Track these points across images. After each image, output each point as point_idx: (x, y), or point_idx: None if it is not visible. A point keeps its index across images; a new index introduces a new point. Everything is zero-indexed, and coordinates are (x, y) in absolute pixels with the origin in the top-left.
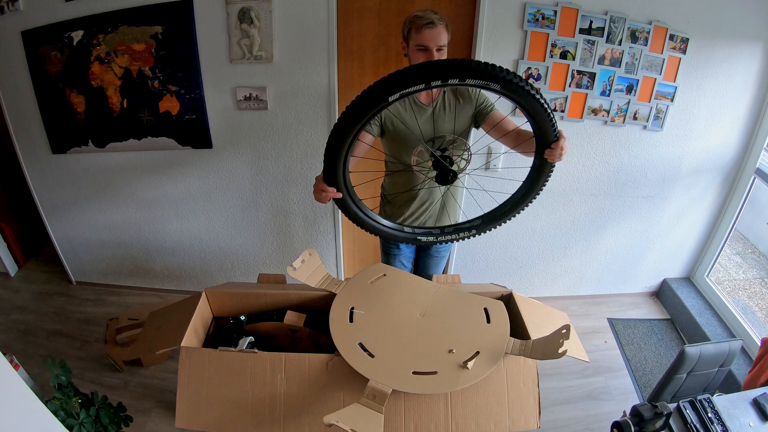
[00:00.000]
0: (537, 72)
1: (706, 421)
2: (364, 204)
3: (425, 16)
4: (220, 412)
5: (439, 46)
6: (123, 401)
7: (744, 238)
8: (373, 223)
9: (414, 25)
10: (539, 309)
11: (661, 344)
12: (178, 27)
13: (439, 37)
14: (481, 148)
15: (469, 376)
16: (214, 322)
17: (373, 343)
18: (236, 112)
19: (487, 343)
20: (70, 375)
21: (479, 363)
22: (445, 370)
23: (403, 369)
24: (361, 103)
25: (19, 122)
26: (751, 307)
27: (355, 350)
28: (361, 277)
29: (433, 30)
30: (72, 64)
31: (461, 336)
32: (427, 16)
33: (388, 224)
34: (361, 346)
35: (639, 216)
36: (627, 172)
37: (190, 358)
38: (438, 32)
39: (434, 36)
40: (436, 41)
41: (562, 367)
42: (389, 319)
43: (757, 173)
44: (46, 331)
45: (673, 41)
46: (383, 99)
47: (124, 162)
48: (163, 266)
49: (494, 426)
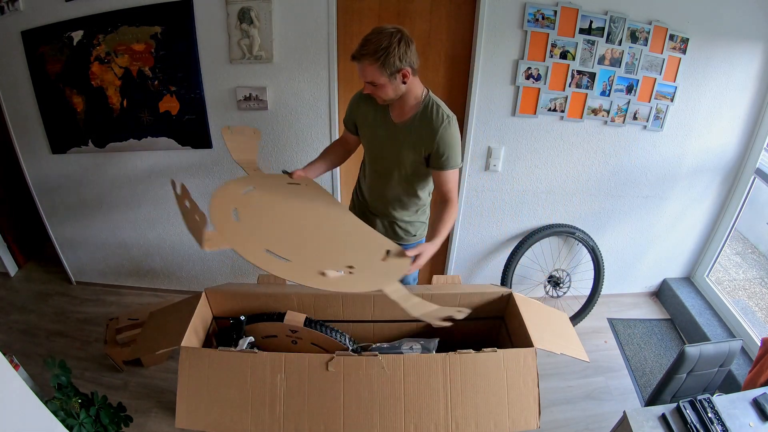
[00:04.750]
0: (537, 72)
1: (706, 421)
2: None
3: (359, 45)
4: (220, 412)
5: (367, 81)
6: (123, 401)
7: (744, 238)
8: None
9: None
10: (539, 309)
11: (661, 344)
12: (178, 27)
13: (364, 72)
14: (481, 148)
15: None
16: (214, 322)
17: (280, 248)
18: (236, 112)
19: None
20: (70, 375)
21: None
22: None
23: (316, 268)
24: None
25: (19, 122)
26: (751, 307)
27: (267, 257)
28: (233, 186)
29: (357, 63)
30: (72, 64)
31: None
32: (359, 46)
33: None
34: (270, 253)
35: (639, 216)
36: (627, 172)
37: (190, 358)
38: (361, 67)
39: (360, 69)
40: (363, 75)
41: (562, 367)
42: (283, 224)
43: (757, 173)
44: (46, 331)
45: (673, 41)
46: None
47: (124, 162)
48: (163, 266)
49: (494, 426)
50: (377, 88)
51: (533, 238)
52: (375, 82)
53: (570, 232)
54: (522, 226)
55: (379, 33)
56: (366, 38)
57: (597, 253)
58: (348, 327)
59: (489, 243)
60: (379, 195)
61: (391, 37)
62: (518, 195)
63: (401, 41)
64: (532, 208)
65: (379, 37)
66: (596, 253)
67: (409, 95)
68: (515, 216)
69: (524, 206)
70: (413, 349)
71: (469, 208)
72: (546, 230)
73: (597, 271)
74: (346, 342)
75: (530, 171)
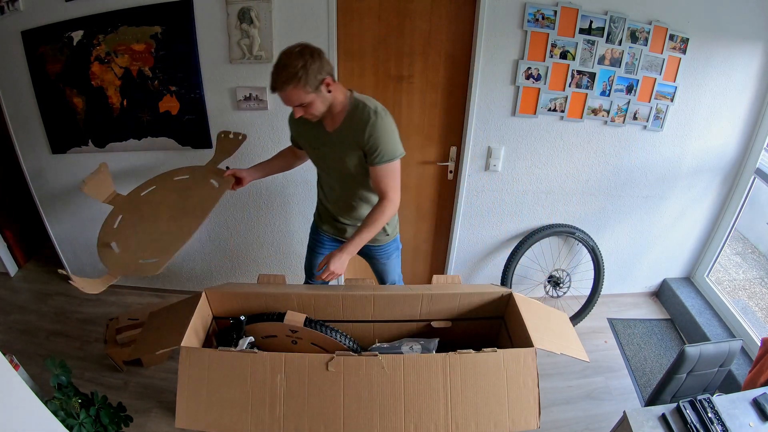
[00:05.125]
0: (537, 72)
1: (706, 421)
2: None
3: (274, 75)
4: (220, 412)
5: (295, 105)
6: (123, 401)
7: (744, 238)
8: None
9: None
10: (539, 309)
11: (661, 344)
12: (178, 27)
13: (289, 98)
14: (481, 148)
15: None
16: (214, 322)
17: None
18: (236, 112)
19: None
20: (70, 375)
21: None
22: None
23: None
24: None
25: (19, 122)
26: (751, 307)
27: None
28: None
29: (279, 93)
30: (72, 64)
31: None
32: (275, 77)
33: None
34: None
35: (639, 216)
36: (627, 172)
37: (190, 358)
38: (285, 95)
39: (285, 98)
40: (289, 101)
41: (562, 367)
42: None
43: (757, 173)
44: (46, 331)
45: (673, 41)
46: None
47: (124, 162)
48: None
49: (494, 426)
50: (307, 108)
51: (533, 238)
52: (303, 102)
53: (570, 232)
54: (522, 226)
55: (288, 56)
56: (278, 66)
57: (597, 253)
58: (348, 327)
59: (489, 243)
60: (342, 204)
61: (301, 56)
62: (518, 195)
63: (312, 55)
64: (532, 208)
65: (291, 61)
66: (596, 253)
67: (335, 102)
68: (515, 216)
69: (524, 206)
70: (413, 349)
71: (469, 208)
72: (546, 230)
73: (597, 271)
74: (346, 342)
75: (530, 171)
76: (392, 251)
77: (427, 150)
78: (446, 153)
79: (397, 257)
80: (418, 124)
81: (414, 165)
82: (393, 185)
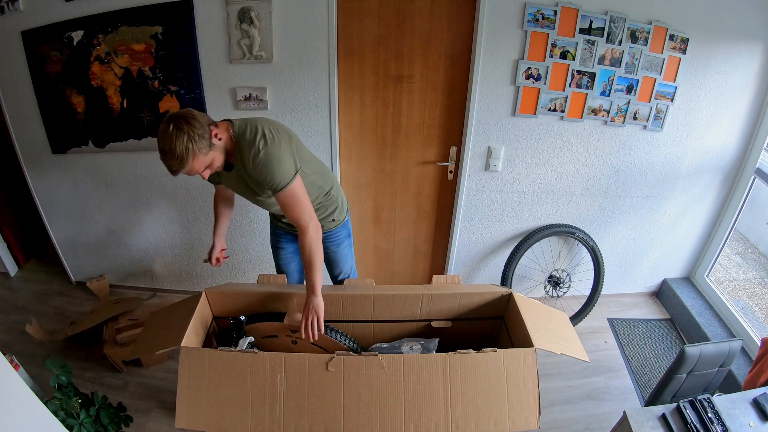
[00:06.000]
0: (537, 72)
1: (706, 421)
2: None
3: (167, 161)
4: (220, 412)
5: (201, 172)
6: (123, 401)
7: (744, 238)
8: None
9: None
10: (539, 309)
11: (661, 344)
12: (178, 27)
13: (192, 171)
14: (481, 148)
15: None
16: (214, 322)
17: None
18: (236, 112)
19: None
20: (70, 375)
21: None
22: None
23: None
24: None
25: (19, 122)
26: (751, 307)
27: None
28: None
29: (181, 173)
30: (72, 64)
31: None
32: (168, 162)
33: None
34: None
35: (639, 216)
36: (627, 172)
37: (190, 358)
38: (188, 171)
39: (188, 173)
40: (193, 172)
41: (562, 367)
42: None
43: (757, 173)
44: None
45: (673, 41)
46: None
47: (125, 162)
48: (163, 266)
49: (494, 426)
50: (212, 165)
51: (533, 238)
52: (206, 165)
53: (570, 232)
54: (522, 226)
55: (168, 139)
56: (165, 153)
57: (597, 253)
58: (348, 327)
59: (489, 243)
60: (280, 214)
61: (179, 130)
62: (518, 195)
63: (187, 122)
64: (532, 208)
65: (172, 141)
66: (596, 253)
67: (227, 144)
68: (515, 216)
69: (524, 206)
70: (413, 349)
71: (469, 208)
72: (546, 230)
73: (597, 271)
74: (346, 342)
75: (530, 171)
76: (342, 238)
77: (427, 150)
78: (446, 153)
79: (349, 246)
80: (418, 124)
81: (414, 165)
82: (299, 210)
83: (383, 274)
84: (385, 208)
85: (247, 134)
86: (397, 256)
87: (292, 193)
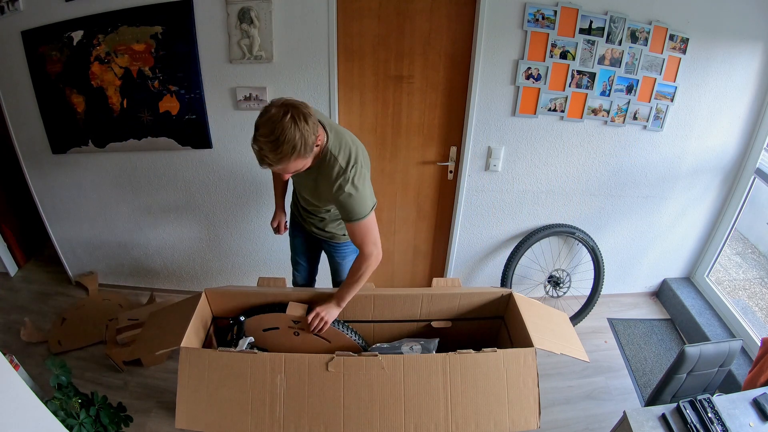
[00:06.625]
0: (537, 72)
1: (706, 421)
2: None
3: (267, 151)
4: (220, 412)
5: (292, 173)
6: (123, 401)
7: (744, 238)
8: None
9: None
10: (539, 309)
11: (661, 344)
12: (178, 27)
13: (287, 170)
14: (481, 148)
15: None
16: (214, 323)
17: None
18: (236, 112)
19: None
20: (70, 375)
21: None
22: None
23: None
24: None
25: (19, 122)
26: (751, 307)
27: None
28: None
29: (276, 166)
30: (72, 64)
31: None
32: (269, 152)
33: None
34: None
35: (639, 216)
36: (627, 172)
37: (190, 358)
38: (283, 168)
39: (282, 170)
40: (287, 171)
41: (562, 367)
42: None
43: (757, 173)
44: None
45: (673, 41)
46: None
47: (124, 162)
48: (163, 266)
49: (494, 426)
50: (300, 168)
51: (533, 238)
52: (300, 168)
53: (570, 232)
54: (522, 226)
55: (280, 127)
56: (271, 140)
57: (597, 253)
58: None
59: (489, 243)
60: (313, 216)
61: (294, 123)
62: (518, 195)
63: (303, 119)
64: (532, 208)
65: (286, 133)
66: (596, 253)
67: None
68: (515, 216)
69: (524, 206)
70: (413, 349)
71: (469, 208)
72: (546, 230)
73: (597, 271)
74: (348, 333)
75: (530, 171)
76: (349, 253)
77: (427, 150)
78: (446, 153)
79: (353, 260)
80: (418, 124)
81: (414, 165)
82: (368, 240)
83: (383, 274)
84: (385, 208)
85: (339, 154)
86: (397, 256)
87: (365, 224)
